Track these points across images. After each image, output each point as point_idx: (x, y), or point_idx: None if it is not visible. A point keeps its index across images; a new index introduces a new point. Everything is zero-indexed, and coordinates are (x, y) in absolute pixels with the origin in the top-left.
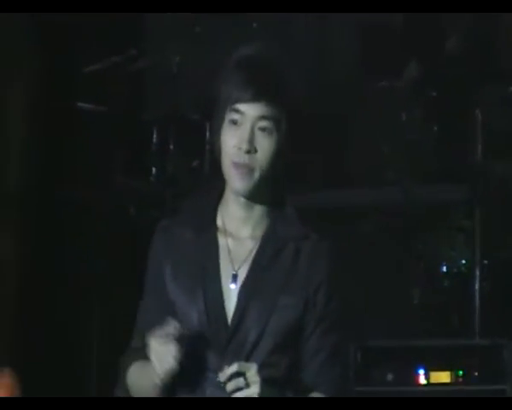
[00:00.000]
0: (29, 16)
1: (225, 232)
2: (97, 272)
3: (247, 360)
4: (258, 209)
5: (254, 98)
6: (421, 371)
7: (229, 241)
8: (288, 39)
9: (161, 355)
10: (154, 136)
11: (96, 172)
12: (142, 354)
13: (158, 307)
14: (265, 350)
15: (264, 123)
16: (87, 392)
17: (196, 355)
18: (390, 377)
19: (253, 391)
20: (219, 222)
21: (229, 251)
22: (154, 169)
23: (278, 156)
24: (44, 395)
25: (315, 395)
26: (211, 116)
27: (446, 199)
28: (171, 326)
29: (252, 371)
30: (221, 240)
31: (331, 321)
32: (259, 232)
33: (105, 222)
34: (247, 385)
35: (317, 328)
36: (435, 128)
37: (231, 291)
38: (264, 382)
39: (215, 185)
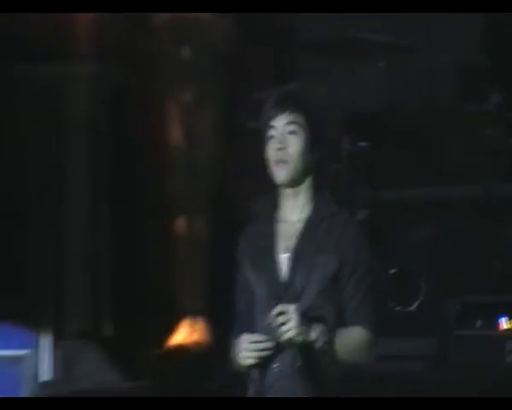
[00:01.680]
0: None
1: (281, 221)
2: None
3: (301, 302)
4: (302, 198)
5: (281, 110)
6: (503, 319)
7: (284, 225)
8: (403, 74)
9: (241, 356)
10: None
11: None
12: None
13: (245, 298)
14: (310, 295)
15: (290, 127)
16: None
17: (264, 308)
18: (479, 323)
19: (291, 325)
20: (277, 215)
21: (284, 232)
22: None
23: (307, 152)
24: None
25: (357, 329)
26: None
27: None
28: (255, 339)
29: (290, 310)
30: (279, 226)
31: (362, 273)
32: (305, 215)
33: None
34: (287, 321)
35: (351, 278)
36: None
37: (284, 259)
38: (314, 320)
39: (277, 192)
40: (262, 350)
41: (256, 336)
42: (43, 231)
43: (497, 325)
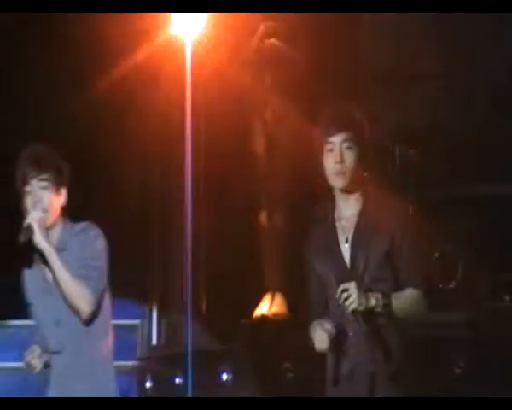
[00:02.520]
0: None
1: (339, 218)
2: None
3: (361, 280)
4: (353, 197)
5: (339, 129)
6: None
7: (342, 222)
8: (446, 94)
9: (317, 338)
10: None
11: None
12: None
13: (315, 284)
14: (370, 272)
15: (347, 144)
16: None
17: (334, 291)
18: (507, 297)
19: (353, 298)
20: (335, 215)
21: (342, 227)
22: None
23: (359, 163)
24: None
25: (410, 290)
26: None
27: None
28: (329, 326)
29: (351, 286)
30: (337, 223)
31: (410, 243)
32: (357, 210)
33: None
34: (349, 296)
35: (403, 248)
36: None
37: (346, 248)
38: (377, 292)
39: (331, 197)
40: (332, 335)
41: (327, 324)
42: (155, 223)
43: None
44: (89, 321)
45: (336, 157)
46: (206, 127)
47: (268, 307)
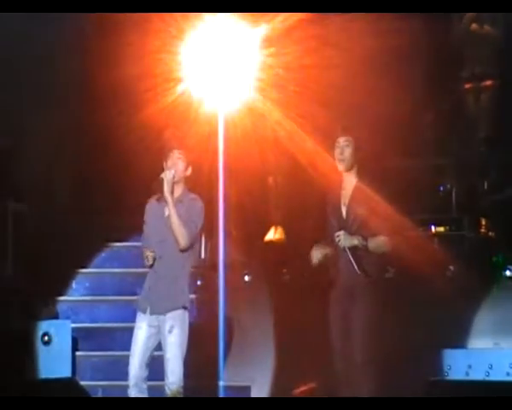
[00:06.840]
0: None
1: (343, 188)
2: None
3: (351, 227)
4: (351, 176)
5: (342, 134)
6: (433, 227)
7: (344, 191)
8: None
9: (313, 256)
10: None
11: None
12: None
13: (328, 221)
14: (358, 223)
15: (346, 143)
16: None
17: (336, 232)
18: (421, 228)
19: (342, 240)
20: (342, 186)
21: (344, 194)
22: None
23: (353, 155)
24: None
25: (382, 237)
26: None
27: None
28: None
29: (341, 233)
30: (342, 191)
31: (376, 207)
32: (353, 185)
33: None
34: (340, 239)
35: (375, 208)
36: None
37: (344, 208)
38: (359, 236)
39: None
40: (323, 253)
41: (320, 245)
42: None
43: (430, 229)
44: (183, 251)
45: (339, 150)
46: (240, 132)
47: (273, 235)
